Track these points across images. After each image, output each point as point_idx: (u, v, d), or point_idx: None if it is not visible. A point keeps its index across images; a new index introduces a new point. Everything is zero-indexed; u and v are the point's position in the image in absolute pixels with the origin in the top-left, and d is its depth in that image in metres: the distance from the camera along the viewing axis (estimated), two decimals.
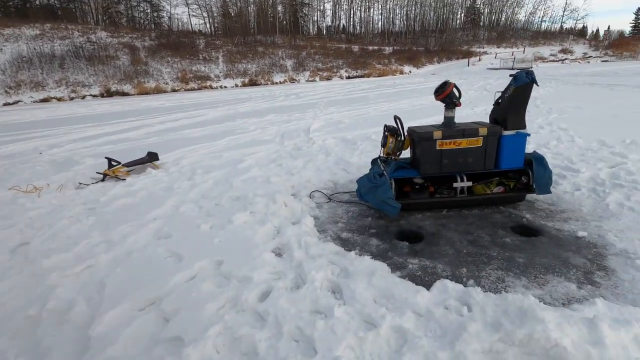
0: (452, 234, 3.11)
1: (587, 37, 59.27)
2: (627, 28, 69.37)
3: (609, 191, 3.60)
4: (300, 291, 2.26)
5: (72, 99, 25.43)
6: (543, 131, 6.50)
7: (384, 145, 3.87)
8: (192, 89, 30.37)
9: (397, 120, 3.73)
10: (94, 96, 26.32)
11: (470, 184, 3.50)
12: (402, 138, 3.79)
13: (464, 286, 2.24)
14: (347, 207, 3.85)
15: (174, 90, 29.61)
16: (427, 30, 58.92)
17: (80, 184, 5.03)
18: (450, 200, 3.56)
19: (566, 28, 63.89)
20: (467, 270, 2.56)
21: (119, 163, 5.48)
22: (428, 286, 2.30)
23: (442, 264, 2.66)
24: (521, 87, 3.19)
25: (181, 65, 34.03)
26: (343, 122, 9.26)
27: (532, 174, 3.42)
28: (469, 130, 3.34)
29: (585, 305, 1.95)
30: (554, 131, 6.39)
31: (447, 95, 3.37)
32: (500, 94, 3.46)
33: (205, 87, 31.07)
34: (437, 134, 3.34)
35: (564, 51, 43.38)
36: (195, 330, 2.00)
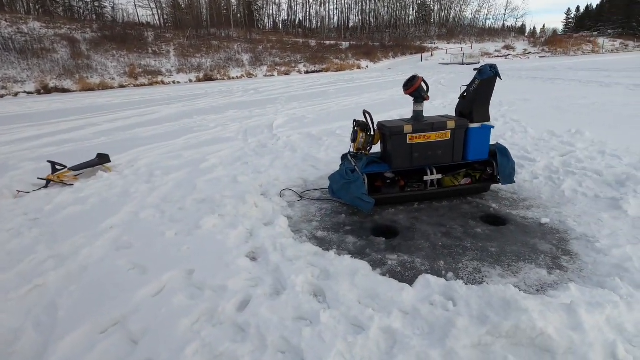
0: (426, 227, 3.14)
1: (526, 34, 63.88)
2: (560, 26, 75.69)
3: (563, 178, 3.84)
4: (281, 297, 2.15)
5: (1, 96, 22.91)
6: (497, 123, 6.83)
7: (354, 140, 3.82)
8: (142, 85, 28.61)
9: (367, 115, 3.70)
10: (29, 93, 23.86)
11: (440, 176, 3.57)
12: (372, 133, 3.77)
13: (446, 280, 2.26)
14: (319, 204, 3.77)
15: (122, 86, 27.72)
16: (381, 25, 60.24)
17: (18, 191, 4.48)
18: (421, 194, 3.60)
19: (508, 26, 68.45)
20: (445, 262, 2.59)
21: (65, 167, 4.96)
22: (411, 282, 2.29)
23: (420, 258, 2.67)
24: (486, 80, 3.28)
25: (129, 60, 31.89)
26: (307, 117, 9.15)
27: (497, 165, 3.55)
28: (438, 124, 3.38)
29: (560, 291, 2.03)
30: (508, 123, 6.75)
31: (416, 89, 3.39)
32: (465, 87, 3.54)
33: (157, 83, 29.40)
34: (408, 128, 3.35)
35: (507, 47, 46.34)
36: (168, 350, 1.82)
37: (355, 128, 3.80)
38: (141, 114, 11.75)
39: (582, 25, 62.87)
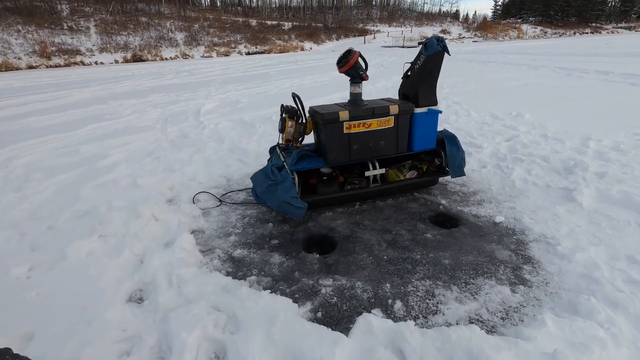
0: (368, 235, 2.61)
1: (460, 19, 66.88)
2: (489, 13, 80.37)
3: (512, 166, 3.55)
4: None
5: None
6: (440, 106, 6.56)
7: (282, 130, 3.15)
8: (57, 66, 25.00)
9: (296, 99, 3.03)
10: None
11: (383, 171, 3.04)
12: (304, 120, 3.12)
13: (394, 319, 1.73)
14: (242, 210, 3.07)
15: (31, 67, 23.98)
16: (324, 6, 59.05)
17: None
18: (363, 192, 3.06)
19: (444, 11, 71.11)
20: (392, 285, 2.06)
21: None
22: (348, 324, 1.72)
23: (362, 280, 2.12)
24: (433, 55, 2.77)
25: (39, 36, 27.57)
26: (241, 101, 8.23)
27: (445, 155, 3.11)
28: (379, 109, 2.83)
29: (534, 328, 1.59)
30: (450, 106, 6.51)
31: (352, 66, 2.78)
32: (409, 65, 3.01)
33: (75, 64, 25.87)
34: (344, 115, 2.75)
35: (443, 32, 47.99)
36: None
37: (283, 115, 3.12)
38: (44, 99, 9.92)
39: (508, 13, 67.26)
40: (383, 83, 9.73)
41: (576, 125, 4.74)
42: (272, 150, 3.42)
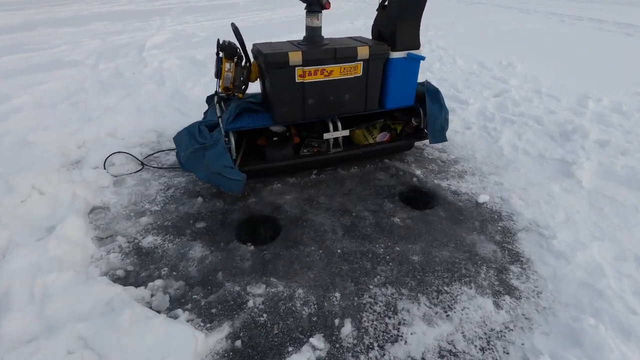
0: (322, 217, 2.06)
1: None
2: None
3: (500, 129, 3.01)
4: None
5: None
6: (423, 50, 5.79)
7: (218, 75, 2.41)
8: None
9: (236, 34, 2.25)
10: None
11: (347, 133, 2.42)
12: (247, 63, 2.38)
13: (337, 354, 1.24)
14: (168, 178, 2.43)
15: None
16: None
17: None
18: (321, 159, 2.46)
19: None
20: (342, 295, 1.57)
21: None
22: None
23: (305, 286, 1.61)
24: None
25: None
26: (197, 35, 7.06)
27: (425, 114, 2.51)
28: (344, 52, 2.12)
29: None
30: (435, 51, 5.74)
31: None
32: None
33: None
34: (295, 57, 2.04)
35: None
36: None
37: (220, 55, 2.36)
38: None
39: None
40: (364, 20, 8.64)
41: (572, 80, 4.18)
42: (210, 100, 2.69)
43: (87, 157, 2.56)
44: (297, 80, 2.11)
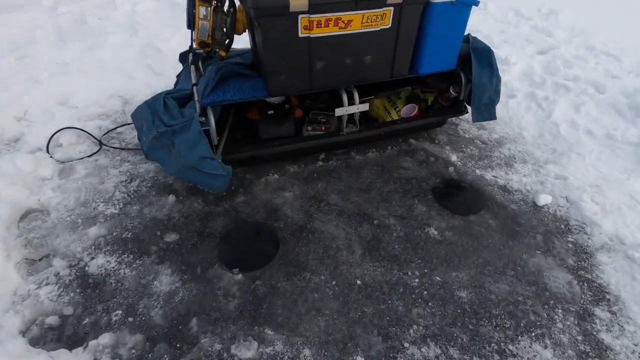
0: (333, 226, 1.55)
1: None
2: None
3: (553, 98, 2.40)
4: None
5: None
6: None
7: (191, 24, 1.75)
8: None
9: None
10: None
11: (366, 107, 1.83)
12: (231, 7, 1.72)
13: None
14: (133, 164, 1.87)
15: None
16: None
17: None
18: (330, 142, 1.89)
19: None
20: (366, 357, 1.11)
21: None
22: None
23: (314, 342, 1.15)
24: None
25: None
26: None
27: (468, 82, 1.89)
28: None
29: None
30: None
31: None
32: None
33: None
34: (299, 1, 1.39)
35: None
36: None
37: (194, 2, 1.69)
38: None
39: None
40: None
41: (632, 32, 3.46)
42: (184, 59, 2.04)
43: (27, 134, 1.98)
44: (300, 35, 1.48)
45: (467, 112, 2.04)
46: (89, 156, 1.90)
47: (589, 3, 4.45)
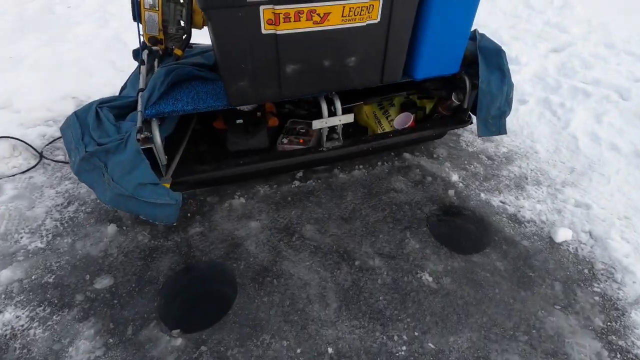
0: (305, 268, 1.27)
1: None
2: None
3: (570, 105, 2.09)
4: None
5: None
6: None
7: (137, 16, 1.45)
8: None
9: None
10: None
11: (350, 119, 1.52)
12: None
13: None
14: (76, 181, 1.58)
15: None
16: None
17: None
18: (309, 159, 1.59)
19: None
20: None
21: None
22: None
23: None
24: None
25: None
26: None
27: (473, 88, 1.59)
28: None
29: None
30: None
31: None
32: None
33: None
34: None
35: None
36: None
37: None
38: None
39: None
40: None
41: None
42: (137, 55, 1.73)
43: None
44: (263, 32, 1.17)
45: (471, 123, 1.74)
46: (22, 172, 1.60)
47: None
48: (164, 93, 1.34)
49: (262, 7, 1.12)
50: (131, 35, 2.82)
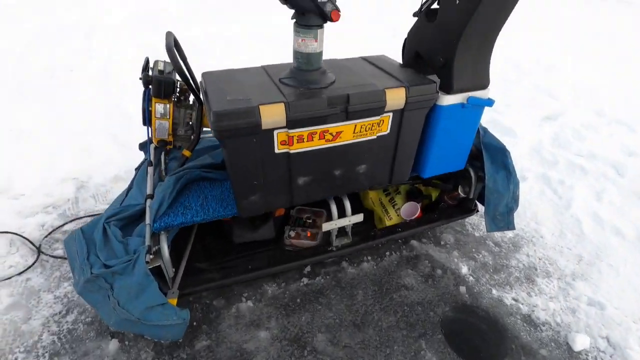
0: None
1: None
2: None
3: (570, 183, 2.13)
4: None
5: None
6: None
7: (147, 121, 1.46)
8: None
9: (171, 54, 1.27)
10: None
11: (360, 218, 1.51)
12: (196, 103, 1.43)
13: None
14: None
15: None
16: None
17: None
18: (318, 257, 1.55)
19: None
20: None
21: None
22: None
23: None
24: None
25: None
26: (169, 11, 5.85)
27: (478, 180, 1.61)
28: (361, 98, 1.18)
29: None
30: None
31: None
32: None
33: None
34: (273, 115, 1.09)
35: None
36: None
37: (147, 90, 1.41)
38: None
39: None
40: (386, 22, 7.39)
41: (633, 86, 3.29)
42: (143, 148, 1.73)
43: None
44: (276, 151, 1.18)
45: (477, 211, 1.76)
46: (19, 274, 1.54)
47: (584, 53, 4.33)
48: (172, 203, 1.32)
49: (276, 132, 1.14)
50: (134, 105, 2.85)
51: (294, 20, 1.13)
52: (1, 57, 3.71)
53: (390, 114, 1.27)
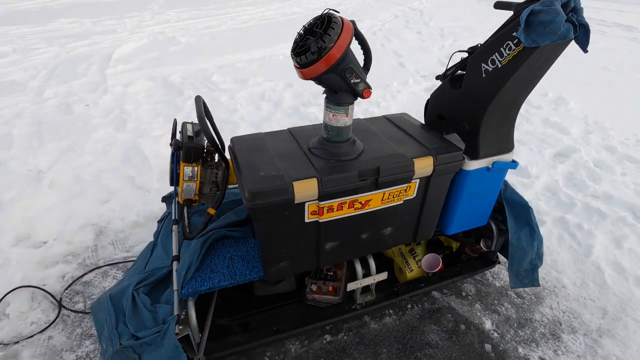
0: None
1: None
2: None
3: (588, 227, 2.12)
4: None
5: None
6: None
7: (174, 181, 1.48)
8: None
9: (201, 119, 1.30)
10: None
11: (384, 276, 1.51)
12: (222, 163, 1.45)
13: None
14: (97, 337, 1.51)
15: None
16: None
17: None
18: (341, 317, 1.54)
19: None
20: None
21: None
22: None
23: None
24: (543, 49, 1.09)
25: None
26: (178, 40, 6.00)
27: (500, 234, 1.61)
28: (390, 170, 1.20)
29: None
30: None
31: (331, 65, 1.05)
32: (465, 55, 1.32)
33: None
34: (306, 190, 1.10)
35: None
36: None
37: (177, 157, 1.43)
38: None
39: None
40: (413, 76, 7.55)
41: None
42: (167, 201, 1.74)
43: None
44: (306, 221, 1.19)
45: (499, 263, 1.75)
46: (41, 332, 1.53)
47: (591, 87, 4.39)
48: (199, 266, 1.33)
49: (307, 204, 1.15)
50: (150, 144, 2.88)
51: (325, 95, 1.16)
52: (18, 93, 3.79)
53: (418, 180, 1.28)
